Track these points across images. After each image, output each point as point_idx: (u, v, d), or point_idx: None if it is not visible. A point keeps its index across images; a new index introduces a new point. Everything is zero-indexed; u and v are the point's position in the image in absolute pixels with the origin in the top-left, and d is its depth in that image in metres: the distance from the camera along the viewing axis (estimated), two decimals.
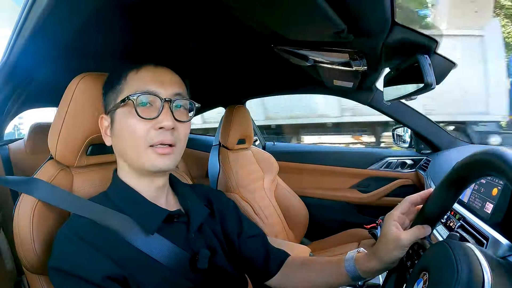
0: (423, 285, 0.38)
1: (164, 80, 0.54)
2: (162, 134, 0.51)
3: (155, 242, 0.52)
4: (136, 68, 0.54)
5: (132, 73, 0.54)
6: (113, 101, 0.54)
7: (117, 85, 0.54)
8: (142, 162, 0.52)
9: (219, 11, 0.64)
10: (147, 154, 0.51)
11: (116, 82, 0.55)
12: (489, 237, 0.59)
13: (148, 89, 0.52)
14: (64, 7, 0.53)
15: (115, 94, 0.54)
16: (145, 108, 0.52)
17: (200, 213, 0.60)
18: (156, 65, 0.55)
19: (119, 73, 0.55)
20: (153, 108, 0.52)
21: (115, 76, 0.56)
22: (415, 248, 0.50)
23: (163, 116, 0.51)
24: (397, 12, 0.56)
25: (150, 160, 0.52)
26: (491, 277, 0.32)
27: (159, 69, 0.55)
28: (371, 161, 1.73)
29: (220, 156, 1.44)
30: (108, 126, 0.56)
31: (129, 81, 0.53)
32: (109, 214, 0.52)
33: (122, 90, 0.53)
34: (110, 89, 0.55)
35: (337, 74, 1.06)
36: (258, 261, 0.64)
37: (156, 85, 0.53)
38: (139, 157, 0.52)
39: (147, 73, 0.54)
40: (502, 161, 0.34)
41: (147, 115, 0.51)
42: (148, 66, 0.55)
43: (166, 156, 0.52)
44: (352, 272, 0.55)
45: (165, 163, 0.52)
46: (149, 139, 0.51)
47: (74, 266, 0.45)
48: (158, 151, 0.51)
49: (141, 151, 0.51)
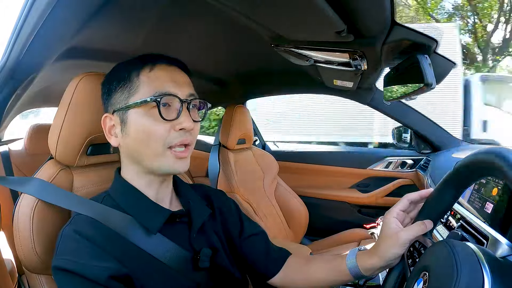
0: (423, 285, 0.38)
1: (179, 81, 0.53)
2: (183, 135, 0.52)
3: (157, 242, 0.52)
4: (149, 65, 0.52)
5: (145, 71, 0.52)
6: (124, 100, 0.52)
7: (128, 84, 0.52)
8: (158, 164, 0.52)
9: (220, 11, 0.64)
10: (166, 156, 0.51)
11: (126, 80, 0.52)
12: (489, 237, 0.59)
13: (167, 89, 0.51)
14: (64, 7, 0.53)
15: (126, 93, 0.52)
16: (164, 109, 0.51)
17: (202, 213, 0.60)
18: (169, 64, 0.54)
19: (128, 71, 0.53)
20: (172, 108, 0.52)
21: (122, 74, 0.53)
22: (417, 246, 0.49)
23: (183, 118, 0.51)
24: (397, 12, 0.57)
25: (168, 162, 0.52)
26: (491, 277, 0.32)
27: (172, 68, 0.54)
28: (371, 161, 1.72)
29: (220, 156, 1.44)
30: (114, 126, 0.54)
31: (143, 79, 0.51)
32: (111, 214, 0.52)
33: (136, 89, 0.51)
34: (116, 88, 0.53)
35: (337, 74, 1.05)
36: (259, 260, 0.65)
37: (173, 86, 0.52)
38: (156, 159, 0.52)
39: (162, 72, 0.53)
40: (503, 161, 0.34)
41: (168, 116, 0.50)
42: (161, 64, 0.53)
43: (184, 160, 0.53)
44: (353, 270, 0.55)
45: (183, 166, 0.53)
46: (169, 140, 0.51)
47: (78, 265, 0.45)
48: (178, 155, 0.52)
49: (159, 152, 0.51)
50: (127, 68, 0.53)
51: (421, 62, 0.70)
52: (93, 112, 0.59)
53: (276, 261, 0.65)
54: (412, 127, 1.50)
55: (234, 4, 0.60)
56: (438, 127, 1.49)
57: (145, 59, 0.53)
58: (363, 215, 1.72)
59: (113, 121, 0.54)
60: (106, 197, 0.56)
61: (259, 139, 2.05)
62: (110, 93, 0.54)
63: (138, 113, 0.51)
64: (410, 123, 1.49)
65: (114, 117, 0.53)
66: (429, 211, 0.50)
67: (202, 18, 0.78)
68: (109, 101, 0.54)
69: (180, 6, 0.72)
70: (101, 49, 0.89)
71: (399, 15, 7.96)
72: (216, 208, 0.65)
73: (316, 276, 0.60)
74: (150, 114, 0.50)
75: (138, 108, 0.51)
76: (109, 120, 0.54)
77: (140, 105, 0.50)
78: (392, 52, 0.78)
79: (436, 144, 1.48)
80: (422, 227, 0.49)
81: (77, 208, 0.53)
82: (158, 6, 0.71)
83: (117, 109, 0.52)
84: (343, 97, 1.54)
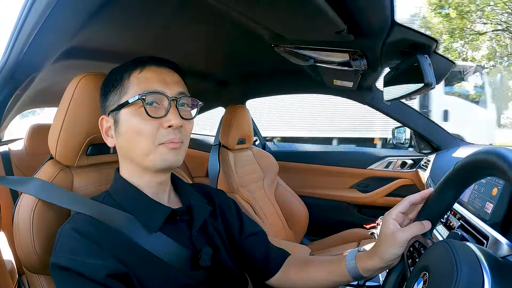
0: (423, 285, 0.38)
1: (168, 80, 0.54)
2: (171, 133, 0.52)
3: (157, 240, 0.52)
4: (139, 68, 0.54)
5: (135, 73, 0.54)
6: (116, 101, 0.54)
7: (120, 86, 0.54)
8: (151, 160, 0.52)
9: (220, 11, 0.64)
10: (158, 150, 0.52)
11: (118, 82, 0.54)
12: (489, 237, 0.59)
13: (154, 88, 0.52)
14: (64, 7, 0.53)
15: (117, 94, 0.54)
16: (152, 107, 0.52)
17: (203, 211, 0.61)
18: (159, 65, 0.55)
19: (120, 73, 0.55)
20: (160, 107, 0.53)
21: (115, 76, 0.55)
22: (416, 246, 0.49)
23: (171, 115, 0.52)
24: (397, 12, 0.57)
25: (160, 155, 0.52)
26: (491, 277, 0.32)
27: (161, 69, 0.55)
28: (371, 161, 1.72)
29: (220, 156, 1.44)
30: (110, 127, 0.55)
31: (133, 81, 0.53)
32: (111, 212, 0.52)
33: (126, 90, 0.53)
34: (111, 90, 0.55)
35: (337, 74, 1.06)
36: (259, 259, 0.65)
37: (161, 85, 0.53)
38: (148, 155, 0.52)
39: (151, 73, 0.54)
40: (504, 161, 0.34)
41: (156, 114, 0.51)
42: (151, 66, 0.55)
43: (177, 150, 0.53)
44: (352, 270, 0.55)
45: (176, 157, 0.53)
46: (159, 137, 0.52)
47: (76, 263, 0.45)
48: (170, 146, 0.52)
49: (150, 149, 0.52)
50: (119, 70, 0.55)
51: (421, 62, 0.70)
52: (93, 112, 0.59)
53: (275, 261, 0.65)
54: (412, 127, 1.50)
55: (235, 5, 0.60)
56: (438, 127, 1.49)
57: (136, 62, 0.55)
58: (363, 215, 1.72)
59: (108, 122, 0.55)
60: (106, 196, 0.56)
61: (259, 139, 2.05)
62: (105, 95, 0.56)
63: (128, 113, 0.52)
64: (410, 123, 1.49)
65: (109, 119, 0.55)
66: (429, 211, 0.50)
67: (202, 18, 0.78)
68: (105, 103, 0.56)
69: (180, 6, 0.72)
70: (101, 49, 0.89)
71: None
72: (217, 206, 0.65)
73: (315, 277, 0.60)
74: (138, 113, 0.52)
75: (128, 108, 0.52)
76: (105, 121, 0.56)
77: (129, 105, 0.52)
78: (392, 52, 0.78)
79: (436, 144, 1.48)
80: (420, 227, 0.49)
81: (77, 207, 0.53)
82: (158, 6, 0.71)
83: (111, 111, 0.54)
84: (343, 97, 1.54)
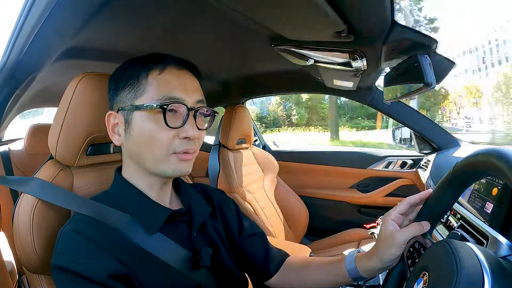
0: (423, 285, 0.38)
1: (188, 87, 0.52)
2: (186, 144, 0.51)
3: (157, 241, 0.52)
4: (159, 68, 0.51)
5: (154, 73, 0.51)
6: (130, 100, 0.51)
7: (136, 84, 0.51)
8: (162, 168, 0.51)
9: (220, 11, 0.64)
10: (169, 160, 0.51)
11: (134, 79, 0.51)
12: (489, 237, 0.59)
13: (174, 95, 0.50)
14: (64, 7, 0.53)
15: (131, 93, 0.51)
16: (171, 115, 0.50)
17: (202, 212, 0.60)
18: (179, 67, 0.53)
19: (137, 71, 0.51)
20: (178, 115, 0.51)
21: (131, 73, 0.52)
22: (416, 247, 0.49)
23: (189, 126, 0.50)
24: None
25: (172, 165, 0.51)
26: (491, 277, 0.32)
27: (181, 72, 0.53)
28: (371, 161, 1.73)
29: (220, 156, 1.44)
30: (117, 124, 0.53)
31: (151, 82, 0.50)
32: (111, 213, 0.52)
33: (143, 92, 0.50)
34: (124, 86, 0.52)
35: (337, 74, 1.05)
36: (258, 260, 0.65)
37: (181, 92, 0.51)
38: (159, 163, 0.51)
39: (171, 76, 0.51)
40: (503, 161, 0.34)
41: (174, 124, 0.49)
42: (171, 67, 0.52)
43: (189, 162, 0.53)
44: (352, 271, 0.55)
45: (187, 168, 0.53)
46: (173, 147, 0.50)
47: (77, 264, 0.44)
48: (181, 157, 0.51)
49: (162, 158, 0.51)
50: (136, 67, 0.52)
51: (421, 62, 0.70)
52: (93, 112, 0.59)
53: (274, 262, 0.65)
54: (412, 127, 1.50)
55: (235, 4, 0.60)
56: (438, 127, 1.49)
57: (155, 60, 0.52)
58: (363, 215, 1.72)
59: (117, 119, 0.53)
60: (106, 196, 0.55)
61: (259, 139, 2.05)
62: (116, 90, 0.53)
63: (143, 116, 0.50)
64: (410, 123, 1.49)
65: (119, 116, 0.53)
66: (429, 211, 0.50)
67: (203, 18, 0.78)
68: (115, 99, 0.53)
69: (180, 6, 0.72)
70: (101, 49, 0.89)
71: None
72: (217, 206, 0.65)
73: (315, 278, 0.60)
74: (155, 119, 0.49)
75: (143, 111, 0.50)
76: (113, 118, 0.53)
77: (146, 109, 0.50)
78: (392, 52, 0.78)
79: (436, 144, 1.48)
80: (418, 228, 0.49)
81: (77, 208, 0.53)
82: (158, 6, 0.71)
83: (122, 108, 0.52)
84: (343, 97, 1.54)
